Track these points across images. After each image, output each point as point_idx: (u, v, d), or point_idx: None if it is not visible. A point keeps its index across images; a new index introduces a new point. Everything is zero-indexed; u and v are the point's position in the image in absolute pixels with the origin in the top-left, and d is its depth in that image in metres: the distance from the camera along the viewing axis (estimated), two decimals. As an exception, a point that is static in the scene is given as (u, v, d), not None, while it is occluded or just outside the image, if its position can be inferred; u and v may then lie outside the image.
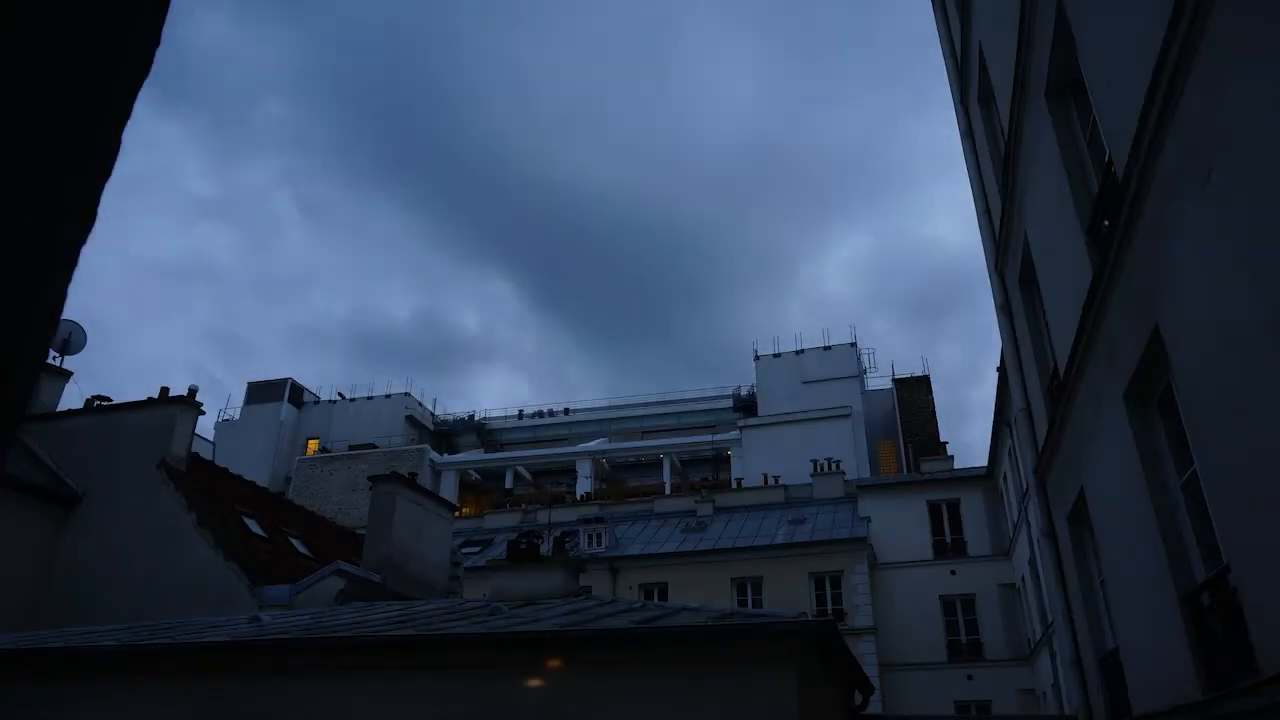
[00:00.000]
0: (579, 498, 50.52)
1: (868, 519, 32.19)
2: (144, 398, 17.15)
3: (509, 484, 59.75)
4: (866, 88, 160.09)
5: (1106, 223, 7.10)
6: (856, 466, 45.90)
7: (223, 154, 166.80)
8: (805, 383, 53.81)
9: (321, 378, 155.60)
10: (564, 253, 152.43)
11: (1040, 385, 11.49)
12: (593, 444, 60.16)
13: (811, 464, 38.99)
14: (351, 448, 57.94)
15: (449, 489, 55.05)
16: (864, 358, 57.46)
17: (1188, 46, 4.72)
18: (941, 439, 49.98)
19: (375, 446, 57.46)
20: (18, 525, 15.26)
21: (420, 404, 64.62)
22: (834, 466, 38.23)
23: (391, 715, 9.11)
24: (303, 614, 12.34)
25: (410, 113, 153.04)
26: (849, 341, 56.13)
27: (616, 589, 30.92)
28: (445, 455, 60.95)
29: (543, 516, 40.22)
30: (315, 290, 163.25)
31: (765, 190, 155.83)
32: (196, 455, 17.62)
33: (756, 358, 57.09)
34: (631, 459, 59.89)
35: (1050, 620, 19.23)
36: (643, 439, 61.37)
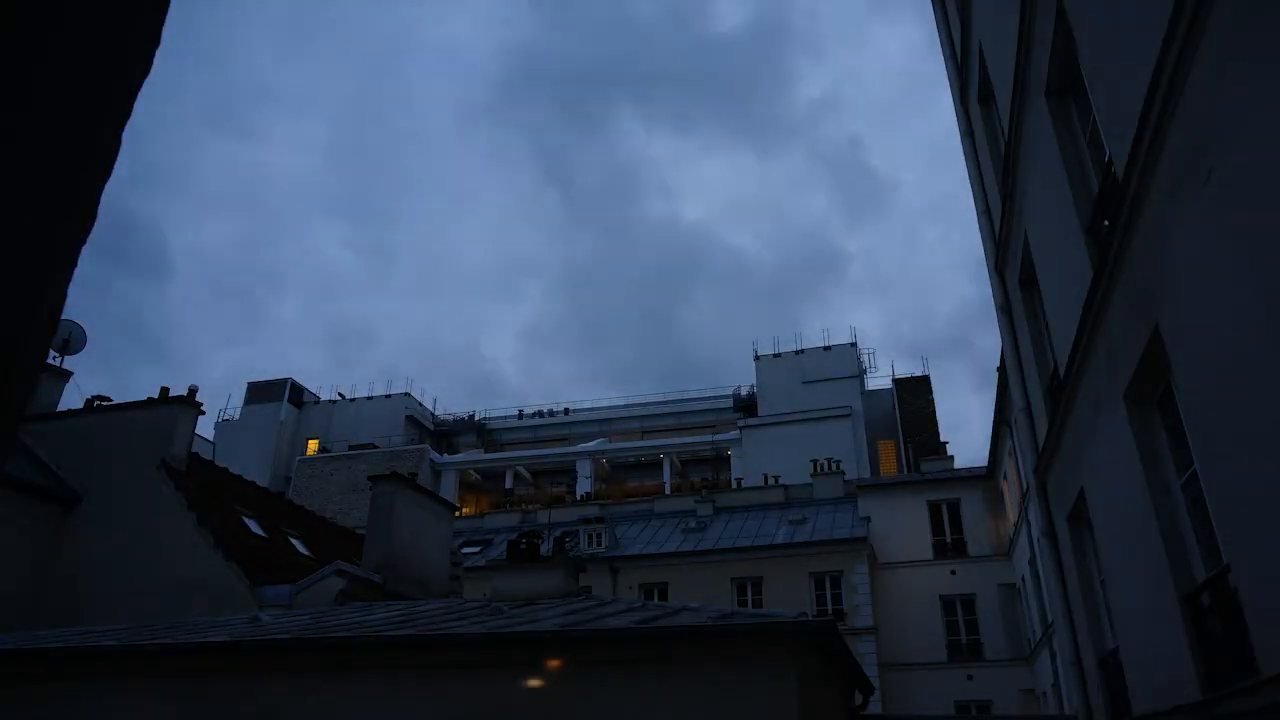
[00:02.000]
0: (579, 498, 50.51)
1: (868, 519, 32.16)
2: (144, 398, 17.18)
3: (509, 484, 59.73)
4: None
5: (1106, 223, 7.10)
6: (856, 466, 45.89)
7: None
8: (805, 383, 53.81)
9: (322, 377, 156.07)
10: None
11: (1040, 385, 11.49)
12: (593, 444, 60.15)
13: (811, 464, 38.96)
14: (351, 448, 57.93)
15: (449, 489, 55.04)
16: (864, 358, 57.50)
17: (1188, 46, 4.72)
18: (941, 439, 50.01)
19: (375, 446, 57.46)
20: (18, 525, 15.26)
21: (420, 404, 64.62)
22: (834, 466, 38.20)
23: (392, 715, 9.11)
24: (303, 614, 12.34)
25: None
26: (849, 341, 56.15)
27: (616, 589, 30.91)
28: (445, 455, 60.94)
29: (543, 516, 40.20)
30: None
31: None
32: (196, 455, 17.62)
33: (756, 358, 57.09)
34: (631, 459, 59.87)
35: (1050, 620, 19.23)
36: (643, 439, 61.36)
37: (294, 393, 63.64)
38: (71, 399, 18.74)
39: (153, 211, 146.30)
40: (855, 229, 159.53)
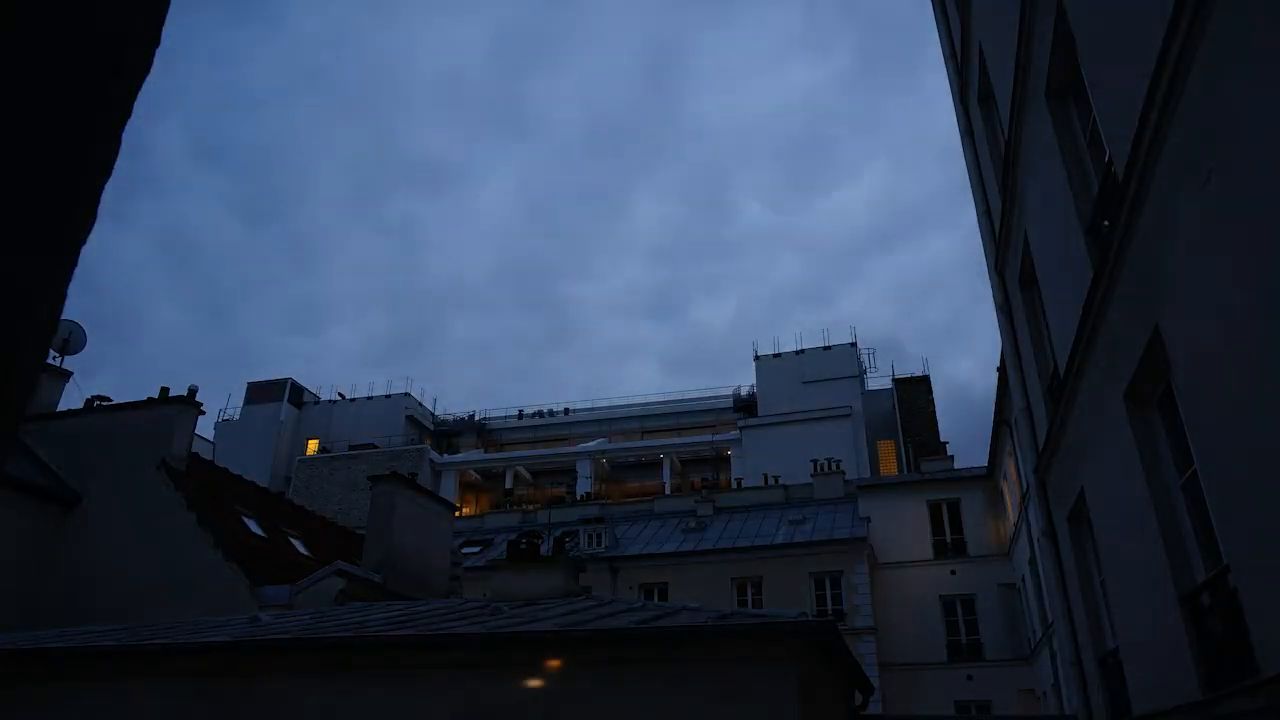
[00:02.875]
0: (579, 498, 50.52)
1: (868, 519, 32.15)
2: (144, 398, 17.18)
3: (509, 484, 59.74)
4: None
5: (1106, 223, 7.10)
6: (856, 466, 45.88)
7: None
8: (805, 383, 53.79)
9: (323, 377, 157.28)
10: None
11: (1040, 385, 11.49)
12: (593, 444, 60.15)
13: (811, 464, 38.96)
14: (351, 448, 57.91)
15: (449, 489, 55.02)
16: (864, 357, 57.50)
17: (1188, 46, 4.72)
18: (941, 439, 50.00)
19: (375, 446, 57.44)
20: (18, 525, 15.26)
21: (420, 404, 64.60)
22: (834, 466, 38.20)
23: (392, 715, 9.11)
24: (303, 614, 12.34)
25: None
26: (849, 341, 56.15)
27: (616, 589, 30.90)
28: (445, 455, 60.92)
29: (543, 516, 40.21)
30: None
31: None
32: (196, 455, 17.62)
33: (756, 358, 57.09)
34: (631, 459, 59.87)
35: (1050, 620, 19.22)
36: (643, 439, 61.36)
37: (294, 393, 63.61)
38: (71, 399, 18.73)
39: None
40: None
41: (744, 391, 59.75)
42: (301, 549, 18.63)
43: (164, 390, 17.03)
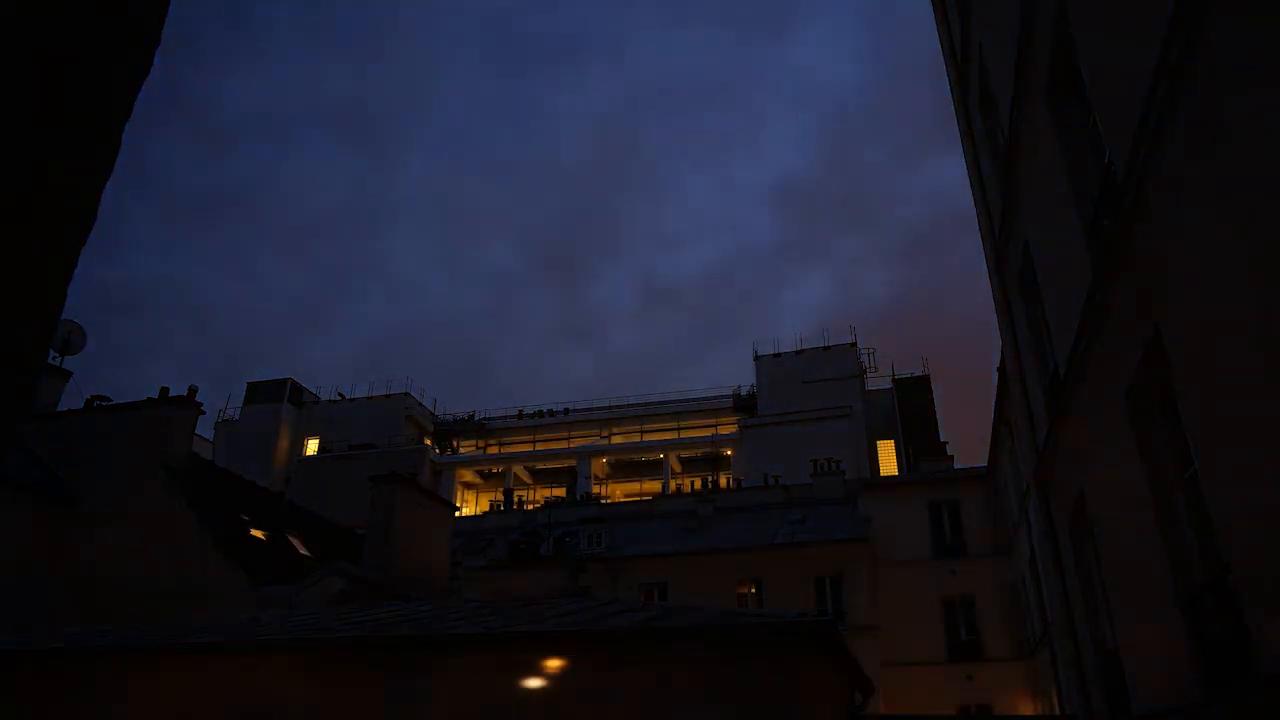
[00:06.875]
0: (579, 498, 50.52)
1: (868, 519, 32.14)
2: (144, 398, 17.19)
3: (509, 484, 59.75)
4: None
5: (1106, 223, 7.10)
6: (856, 466, 45.87)
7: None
8: (805, 383, 53.78)
9: (323, 376, 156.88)
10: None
11: (1040, 385, 11.49)
12: (593, 444, 60.17)
13: (811, 464, 38.97)
14: (351, 448, 57.89)
15: (449, 489, 55.02)
16: (864, 357, 57.49)
17: (1188, 46, 4.72)
18: (941, 439, 50.00)
19: (375, 446, 57.41)
20: (17, 525, 15.25)
21: (420, 404, 64.59)
22: (834, 466, 38.21)
23: (392, 715, 9.11)
24: (303, 614, 12.33)
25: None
26: (849, 341, 56.15)
27: (617, 589, 30.84)
28: (445, 455, 60.93)
29: (543, 516, 40.21)
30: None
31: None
32: (196, 455, 17.63)
33: (756, 358, 57.10)
34: (631, 459, 59.89)
35: (1050, 620, 19.22)
36: (643, 439, 61.36)
37: (294, 393, 63.60)
38: (72, 399, 18.73)
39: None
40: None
41: (744, 391, 59.74)
42: (301, 549, 18.62)
43: (164, 390, 17.04)
